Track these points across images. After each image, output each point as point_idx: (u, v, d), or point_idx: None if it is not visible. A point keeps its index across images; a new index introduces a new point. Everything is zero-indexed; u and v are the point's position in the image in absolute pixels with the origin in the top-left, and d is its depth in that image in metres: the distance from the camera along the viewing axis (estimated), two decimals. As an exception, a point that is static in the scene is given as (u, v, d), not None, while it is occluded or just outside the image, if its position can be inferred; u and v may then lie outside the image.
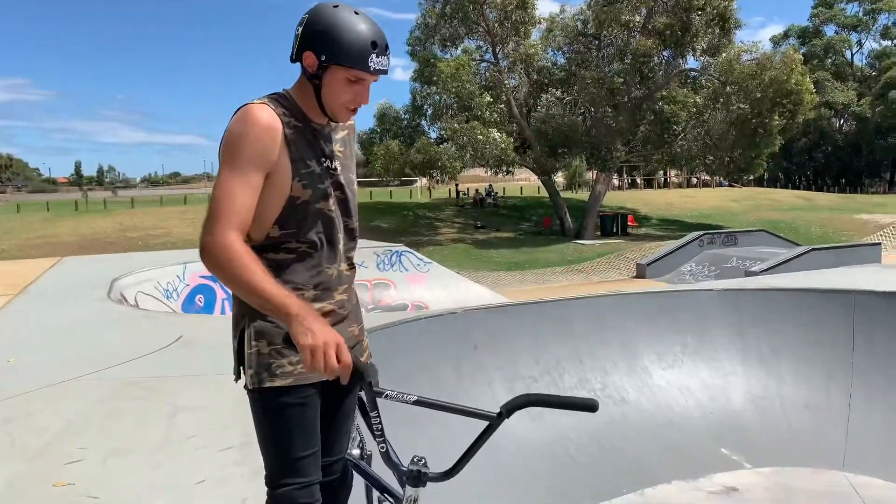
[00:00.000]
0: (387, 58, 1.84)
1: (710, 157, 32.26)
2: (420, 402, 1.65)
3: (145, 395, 4.54)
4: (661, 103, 32.24)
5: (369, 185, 44.07)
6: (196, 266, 10.40)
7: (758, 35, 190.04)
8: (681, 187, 53.60)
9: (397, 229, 32.60)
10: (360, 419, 2.13)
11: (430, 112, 33.66)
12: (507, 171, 35.21)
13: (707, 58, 32.13)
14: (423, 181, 41.48)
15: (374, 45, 1.80)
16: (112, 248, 24.50)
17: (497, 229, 34.31)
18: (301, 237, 1.87)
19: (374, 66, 1.81)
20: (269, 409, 1.83)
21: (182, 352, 5.74)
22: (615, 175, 41.13)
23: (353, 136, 2.10)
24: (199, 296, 11.37)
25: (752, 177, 44.52)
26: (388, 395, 1.63)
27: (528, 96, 33.51)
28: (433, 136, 33.92)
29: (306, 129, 1.89)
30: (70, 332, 6.71)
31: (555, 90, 31.67)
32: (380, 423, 1.65)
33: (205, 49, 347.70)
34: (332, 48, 1.79)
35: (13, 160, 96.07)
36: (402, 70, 75.39)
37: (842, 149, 67.19)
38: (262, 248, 1.84)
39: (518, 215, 38.23)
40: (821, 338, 6.52)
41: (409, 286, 14.92)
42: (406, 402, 1.62)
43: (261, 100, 1.86)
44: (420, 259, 15.53)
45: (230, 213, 1.74)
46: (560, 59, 34.59)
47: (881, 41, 70.45)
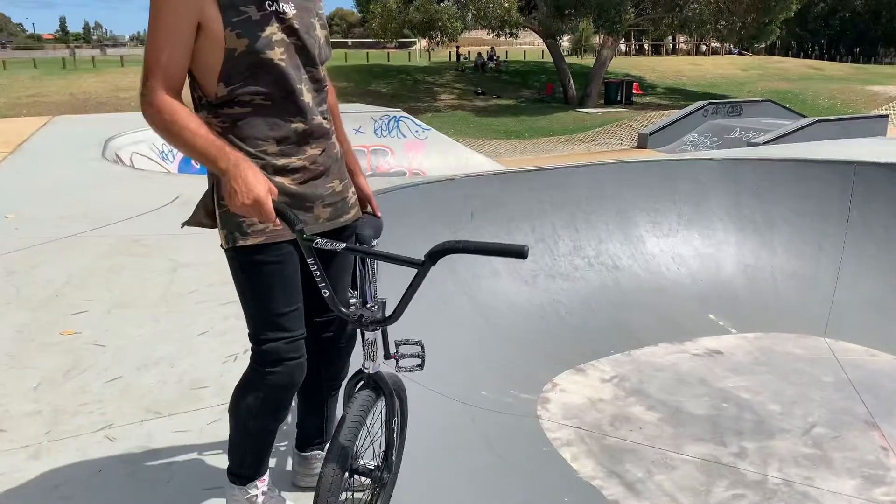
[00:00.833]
0: None
1: (722, 23, 30.90)
2: (349, 249, 1.69)
3: (145, 252, 4.60)
4: (675, -38, 30.44)
5: (366, 46, 42.43)
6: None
7: None
8: (689, 54, 51.85)
9: (395, 94, 31.79)
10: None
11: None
12: (511, 34, 33.72)
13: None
14: (423, 43, 39.92)
15: None
16: (104, 109, 23.96)
17: (498, 96, 33.47)
18: (252, 91, 1.74)
19: None
20: (246, 268, 1.80)
21: (180, 211, 5.76)
22: (622, 40, 39.58)
23: None
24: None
25: (763, 45, 42.92)
26: (317, 242, 1.63)
27: (536, -50, 31.58)
28: (434, -8, 32.22)
29: None
30: (67, 190, 6.70)
31: (564, -56, 29.76)
32: (318, 270, 1.65)
33: None
34: None
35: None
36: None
37: (860, 15, 64.27)
38: (218, 104, 1.75)
39: (520, 81, 37.16)
40: (817, 209, 6.55)
41: (407, 153, 14.77)
42: (336, 250, 1.64)
43: None
44: (419, 126, 15.27)
45: (157, 69, 1.65)
46: None
47: None
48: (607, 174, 6.85)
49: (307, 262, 1.66)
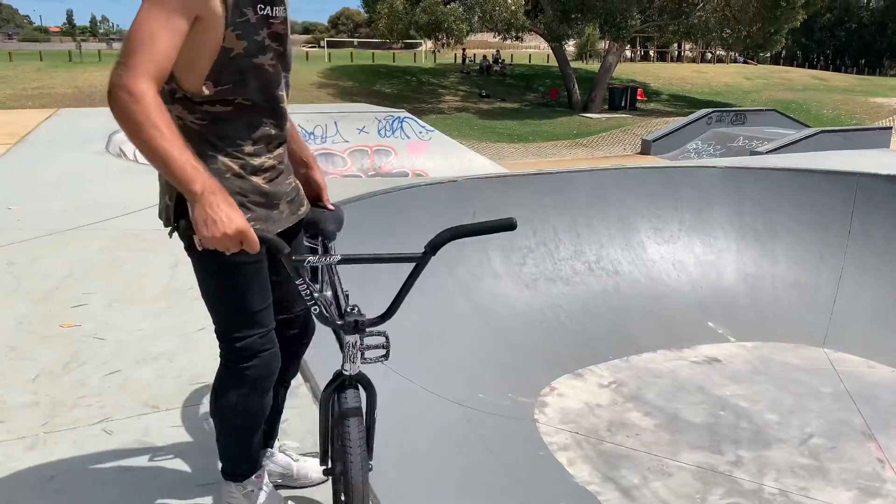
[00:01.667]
0: None
1: (728, 31, 30.90)
2: (345, 260, 1.64)
3: (147, 247, 4.61)
4: (682, -31, 30.46)
5: (372, 47, 42.43)
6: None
7: None
8: (694, 62, 51.85)
9: (399, 95, 31.79)
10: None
11: (437, -32, 31.80)
12: (517, 37, 33.73)
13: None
14: (428, 45, 39.94)
15: None
16: (109, 102, 23.98)
17: (502, 99, 33.47)
18: (238, 94, 1.70)
19: None
20: (223, 269, 1.74)
21: (182, 207, 5.76)
22: (628, 46, 39.56)
23: None
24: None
25: (768, 54, 42.89)
26: (309, 261, 1.59)
27: (543, -45, 31.58)
28: (440, -6, 32.25)
29: None
30: (70, 182, 6.70)
31: (572, -51, 29.75)
32: (307, 289, 1.61)
33: None
34: None
35: (2, 5, 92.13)
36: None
37: (866, 27, 64.23)
38: (198, 101, 1.69)
39: (525, 85, 37.17)
40: (818, 219, 6.55)
41: (409, 154, 14.77)
42: (331, 264, 1.58)
43: None
44: (422, 127, 15.27)
45: (148, 59, 1.50)
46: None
47: None
48: (610, 179, 6.86)
49: (295, 282, 1.63)
